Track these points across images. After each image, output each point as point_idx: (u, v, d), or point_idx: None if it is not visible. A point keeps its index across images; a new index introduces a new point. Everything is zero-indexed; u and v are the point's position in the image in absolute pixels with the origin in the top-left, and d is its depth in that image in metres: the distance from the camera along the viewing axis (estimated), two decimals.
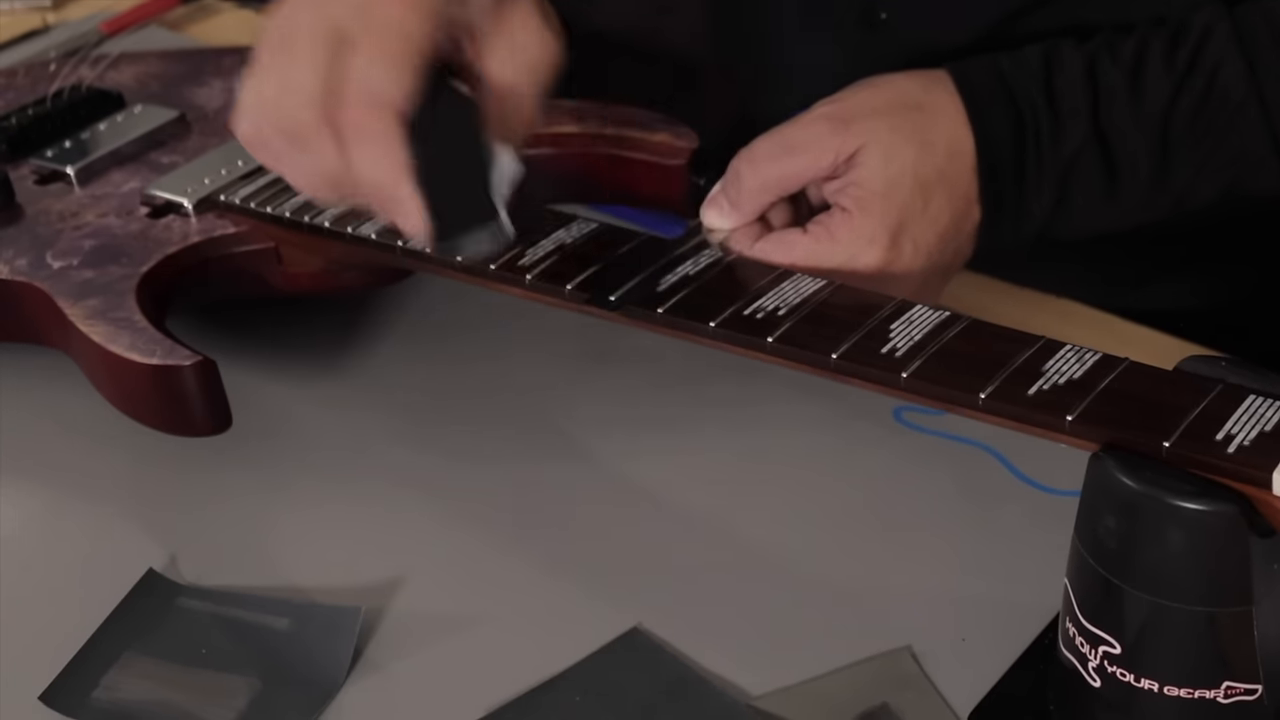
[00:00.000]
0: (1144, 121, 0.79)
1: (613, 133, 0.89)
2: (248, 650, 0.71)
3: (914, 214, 0.76)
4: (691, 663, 0.70)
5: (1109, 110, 0.79)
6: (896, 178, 0.75)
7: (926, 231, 0.77)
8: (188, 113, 0.96)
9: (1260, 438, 0.58)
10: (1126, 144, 0.80)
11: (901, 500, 0.78)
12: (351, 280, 0.84)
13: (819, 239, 0.75)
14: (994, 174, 0.79)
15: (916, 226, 0.76)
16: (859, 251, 0.75)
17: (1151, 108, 0.79)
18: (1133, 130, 0.79)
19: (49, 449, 0.84)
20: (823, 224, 0.76)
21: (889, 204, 0.75)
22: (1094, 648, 0.61)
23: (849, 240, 0.75)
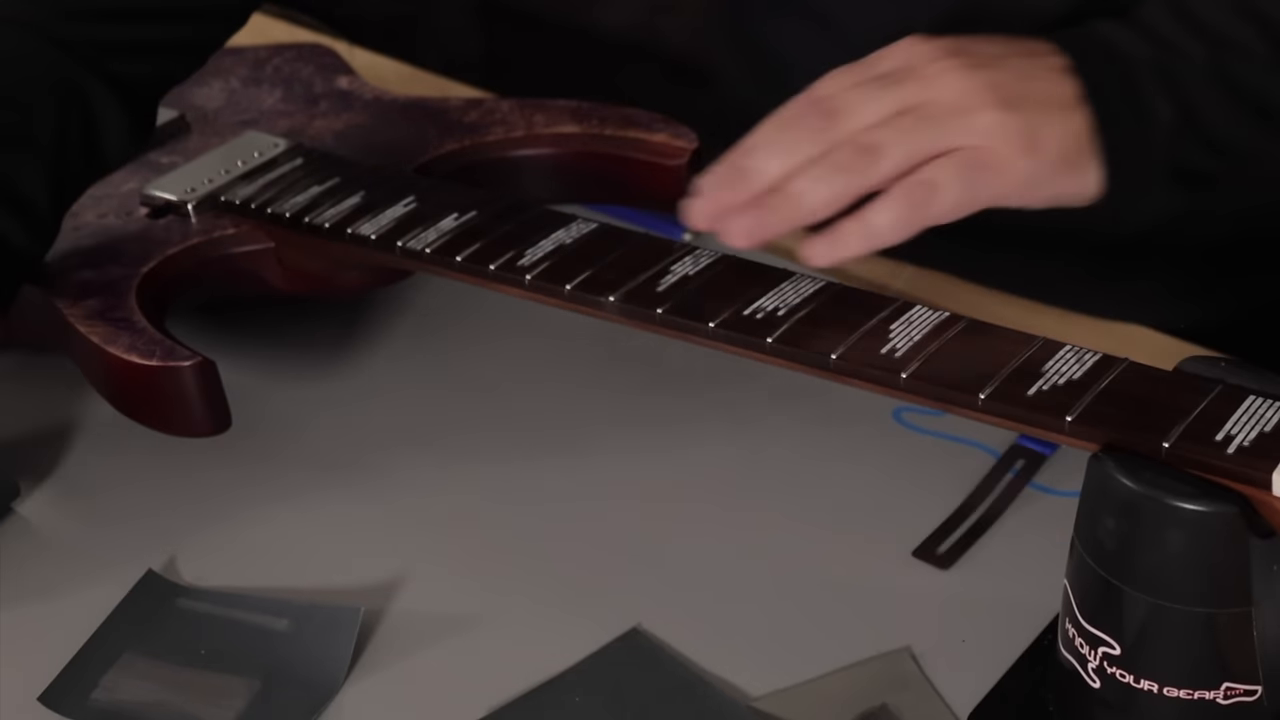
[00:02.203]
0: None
1: (613, 133, 0.89)
2: (247, 650, 0.71)
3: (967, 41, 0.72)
4: (691, 663, 0.70)
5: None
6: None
7: (984, 45, 0.72)
8: (188, 113, 0.96)
9: (1260, 438, 0.58)
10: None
11: (901, 500, 0.78)
12: (351, 280, 0.84)
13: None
14: (1087, 61, 0.73)
15: (973, 44, 0.72)
16: (910, 49, 0.71)
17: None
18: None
19: (49, 449, 0.84)
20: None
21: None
22: (1093, 649, 0.61)
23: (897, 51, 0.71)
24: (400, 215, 0.81)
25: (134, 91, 0.83)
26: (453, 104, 0.94)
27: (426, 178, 0.85)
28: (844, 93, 0.69)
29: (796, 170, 0.68)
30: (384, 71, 1.13)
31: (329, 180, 0.85)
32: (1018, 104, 0.69)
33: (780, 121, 0.70)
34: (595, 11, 1.78)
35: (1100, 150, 0.71)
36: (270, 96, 0.98)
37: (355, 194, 0.83)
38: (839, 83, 0.70)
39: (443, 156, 0.90)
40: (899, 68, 0.70)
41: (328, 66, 1.00)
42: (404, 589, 0.74)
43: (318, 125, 0.94)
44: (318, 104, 0.96)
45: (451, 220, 0.80)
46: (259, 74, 1.00)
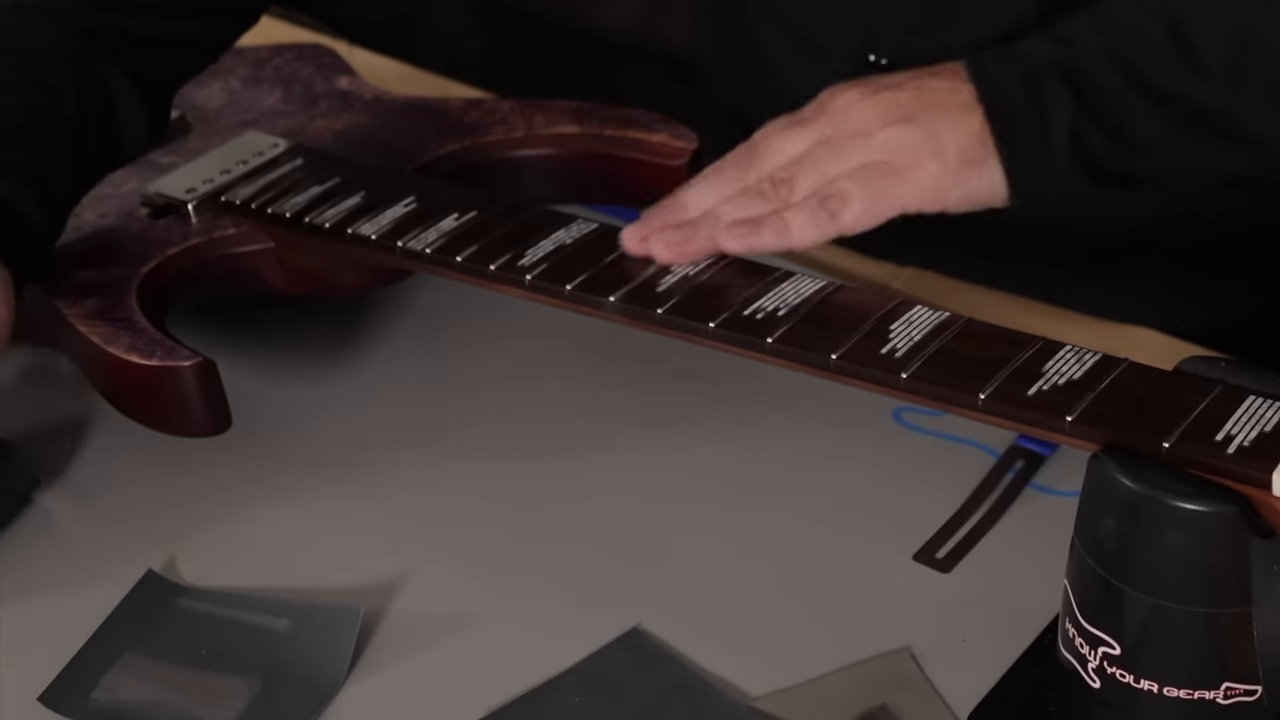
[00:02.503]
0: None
1: (613, 133, 0.89)
2: (248, 650, 0.71)
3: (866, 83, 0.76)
4: (691, 663, 0.70)
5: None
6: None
7: (892, 76, 0.76)
8: (188, 113, 0.96)
9: (1260, 438, 0.58)
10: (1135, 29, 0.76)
11: (901, 500, 0.78)
12: (351, 280, 0.84)
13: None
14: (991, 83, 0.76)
15: (882, 78, 0.76)
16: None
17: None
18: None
19: (49, 449, 0.84)
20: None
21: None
22: (1093, 648, 0.61)
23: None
24: (400, 215, 0.81)
25: (152, 84, 0.85)
26: (453, 104, 0.94)
27: (426, 178, 0.85)
28: (767, 138, 0.76)
29: (722, 202, 0.75)
30: (384, 71, 1.13)
31: (329, 180, 0.85)
32: (914, 116, 0.74)
33: (715, 166, 0.76)
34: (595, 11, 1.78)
35: (1000, 146, 0.74)
36: (270, 96, 0.98)
37: (355, 194, 0.83)
38: (766, 130, 0.76)
39: (443, 157, 0.90)
40: (816, 109, 0.76)
41: (328, 66, 1.00)
42: (404, 589, 0.74)
43: (318, 125, 0.94)
44: (318, 104, 0.96)
45: (451, 220, 0.80)
46: (259, 74, 1.00)
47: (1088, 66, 0.75)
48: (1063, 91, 0.74)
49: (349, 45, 1.15)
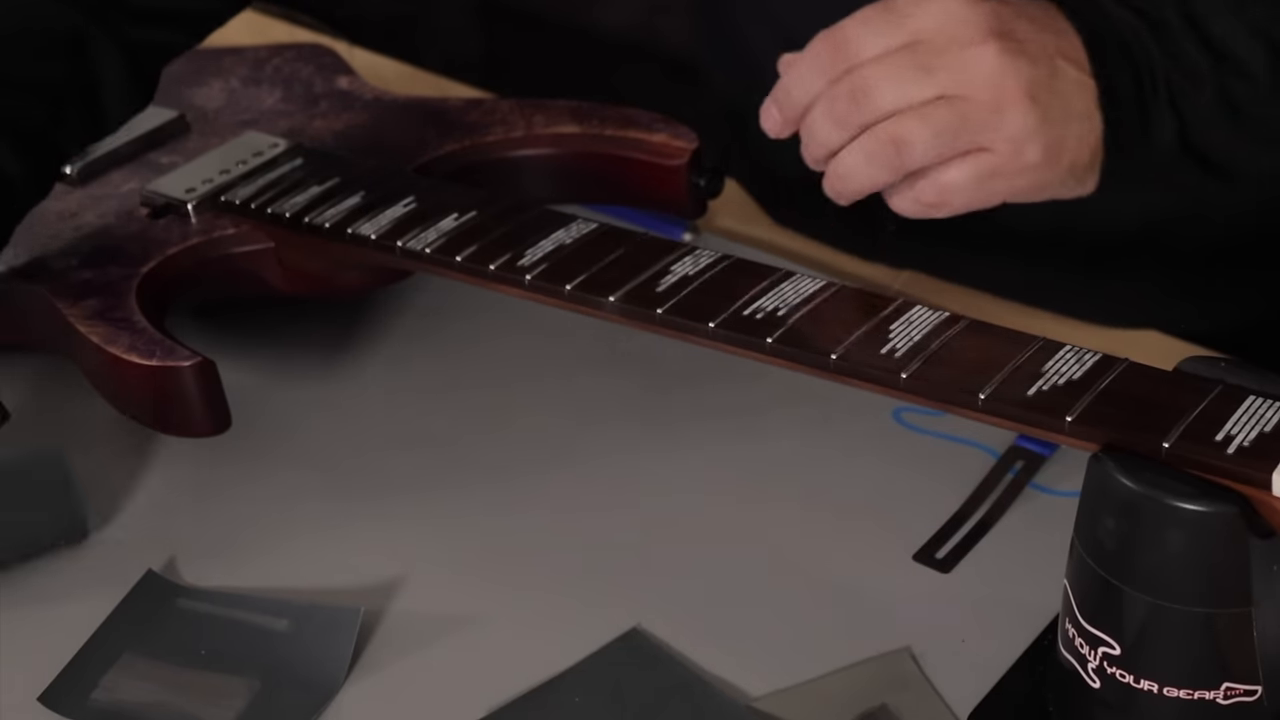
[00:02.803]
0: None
1: (613, 133, 0.89)
2: (247, 650, 0.71)
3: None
4: (691, 663, 0.70)
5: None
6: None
7: (1018, 21, 0.71)
8: (188, 113, 0.96)
9: (1260, 438, 0.58)
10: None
11: (901, 500, 0.78)
12: (351, 280, 0.84)
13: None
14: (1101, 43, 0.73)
15: (1008, 15, 0.71)
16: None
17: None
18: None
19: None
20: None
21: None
22: (1093, 649, 0.61)
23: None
24: (400, 215, 0.81)
25: (139, 55, 0.85)
26: (453, 104, 0.94)
27: (426, 178, 0.85)
28: (876, 65, 0.70)
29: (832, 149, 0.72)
30: (384, 71, 1.13)
31: (329, 180, 0.85)
32: (1047, 107, 0.70)
33: (813, 90, 0.72)
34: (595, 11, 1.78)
35: (1105, 162, 0.73)
36: (270, 96, 0.98)
37: (355, 194, 0.83)
38: (870, 42, 0.70)
39: (443, 156, 0.90)
40: (934, 38, 0.69)
41: (328, 66, 1.00)
42: (404, 589, 0.74)
43: (318, 125, 0.94)
44: (318, 104, 0.96)
45: (451, 220, 0.80)
46: (259, 74, 1.00)
47: (1190, 92, 0.73)
48: (1169, 120, 0.73)
49: (349, 45, 1.15)
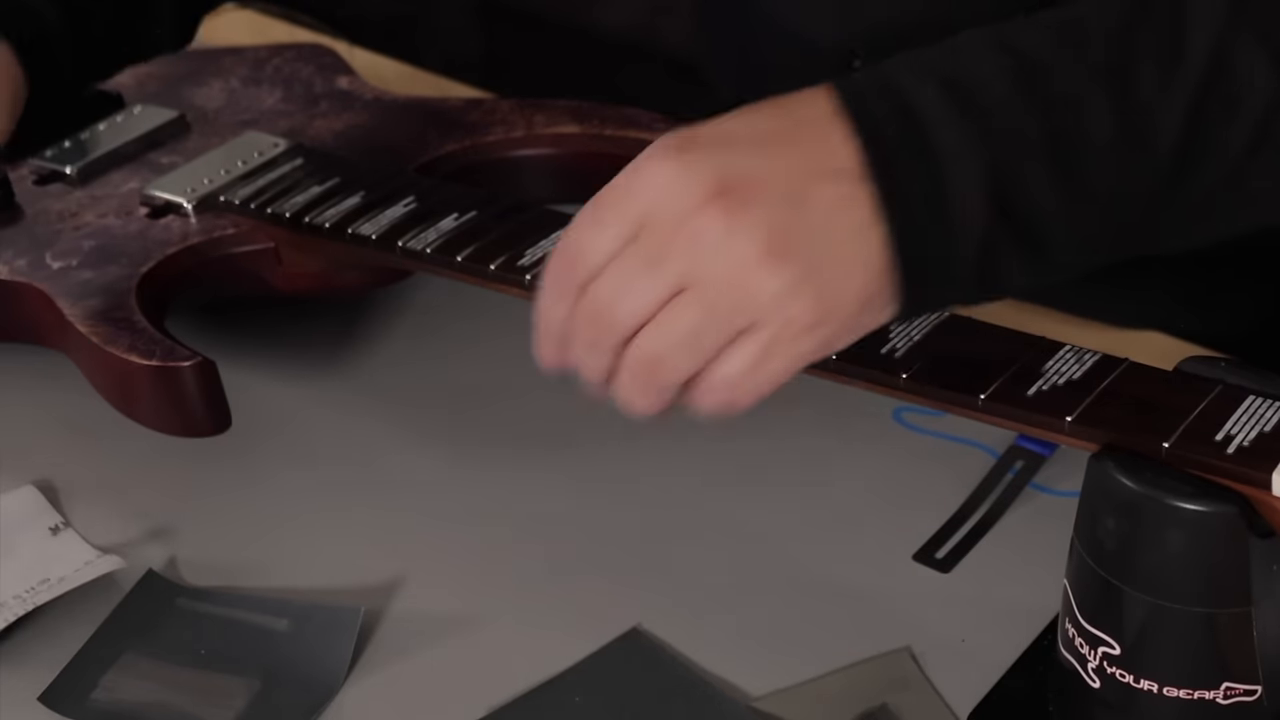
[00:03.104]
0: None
1: (613, 133, 0.89)
2: (247, 650, 0.71)
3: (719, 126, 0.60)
4: (691, 663, 0.69)
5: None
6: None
7: (750, 154, 0.59)
8: (187, 113, 0.96)
9: (1260, 438, 0.58)
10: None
11: (901, 500, 0.78)
12: (351, 280, 0.84)
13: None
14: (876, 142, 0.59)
15: (735, 154, 0.59)
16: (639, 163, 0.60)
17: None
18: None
19: (49, 449, 0.84)
20: None
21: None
22: (1093, 648, 0.61)
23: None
24: (400, 215, 0.81)
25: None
26: (453, 104, 0.94)
27: (426, 178, 0.85)
28: (608, 275, 0.60)
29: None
30: (384, 71, 1.13)
31: (329, 180, 0.85)
32: (798, 254, 0.57)
33: (560, 317, 0.62)
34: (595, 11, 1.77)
35: (899, 281, 0.59)
36: (270, 96, 0.98)
37: (355, 194, 0.83)
38: (598, 245, 0.60)
39: (443, 156, 0.90)
40: (657, 218, 0.59)
41: (328, 66, 1.00)
42: (404, 589, 0.74)
43: (318, 125, 0.94)
44: (318, 104, 0.96)
45: (451, 220, 0.80)
46: (259, 74, 1.00)
47: (1011, 156, 0.59)
48: (978, 204, 0.58)
49: (349, 45, 1.15)
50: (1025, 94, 0.59)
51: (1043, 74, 0.59)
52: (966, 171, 0.58)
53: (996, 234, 0.59)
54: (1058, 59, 0.60)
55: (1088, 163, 0.59)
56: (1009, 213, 0.59)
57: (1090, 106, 0.59)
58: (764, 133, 0.59)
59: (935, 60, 0.60)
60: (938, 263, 0.59)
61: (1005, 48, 0.60)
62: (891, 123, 0.58)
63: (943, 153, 0.58)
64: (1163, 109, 0.60)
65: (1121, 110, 0.59)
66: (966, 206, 0.58)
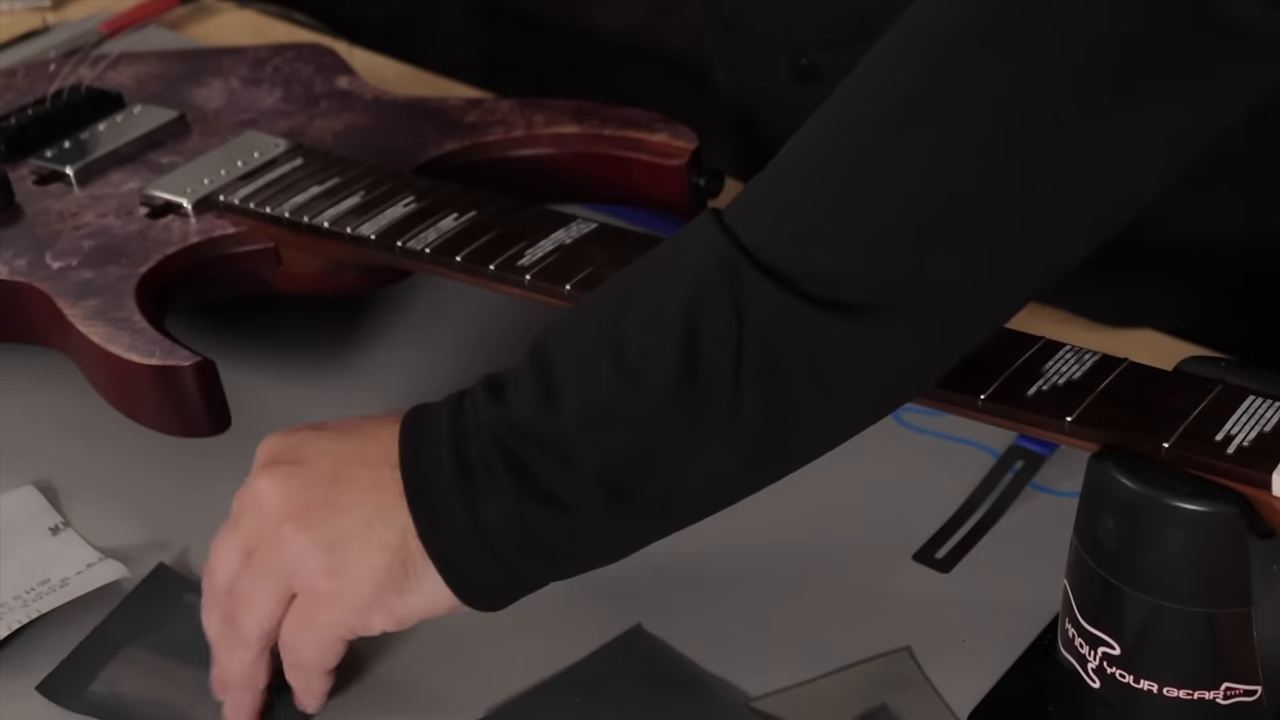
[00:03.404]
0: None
1: (613, 133, 0.89)
2: None
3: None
4: (691, 663, 0.69)
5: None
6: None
7: (316, 446, 0.66)
8: (187, 113, 0.96)
9: (1260, 438, 0.58)
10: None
11: (901, 500, 0.78)
12: (351, 280, 0.84)
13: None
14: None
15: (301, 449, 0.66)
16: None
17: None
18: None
19: (49, 449, 0.84)
20: None
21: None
22: (1093, 649, 0.61)
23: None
24: (400, 215, 0.81)
25: None
26: (453, 104, 0.94)
27: (426, 178, 0.85)
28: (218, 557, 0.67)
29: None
30: (384, 71, 1.13)
31: (329, 180, 0.85)
32: (322, 525, 0.63)
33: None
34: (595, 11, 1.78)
35: (438, 554, 0.62)
36: (270, 96, 0.98)
37: (355, 194, 0.83)
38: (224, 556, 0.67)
39: (443, 156, 0.90)
40: (240, 495, 0.68)
41: (328, 66, 1.00)
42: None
43: (318, 125, 0.94)
44: (318, 104, 0.96)
45: (451, 220, 0.80)
46: (259, 74, 1.00)
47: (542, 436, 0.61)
48: (500, 485, 0.61)
49: (349, 45, 1.15)
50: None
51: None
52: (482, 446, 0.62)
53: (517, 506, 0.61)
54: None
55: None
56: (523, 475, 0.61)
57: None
58: (338, 427, 0.67)
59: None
60: (462, 536, 0.62)
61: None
62: (437, 419, 0.63)
63: (465, 430, 0.62)
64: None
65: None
66: (483, 486, 0.61)
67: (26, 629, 0.73)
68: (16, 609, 0.72)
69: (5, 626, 0.71)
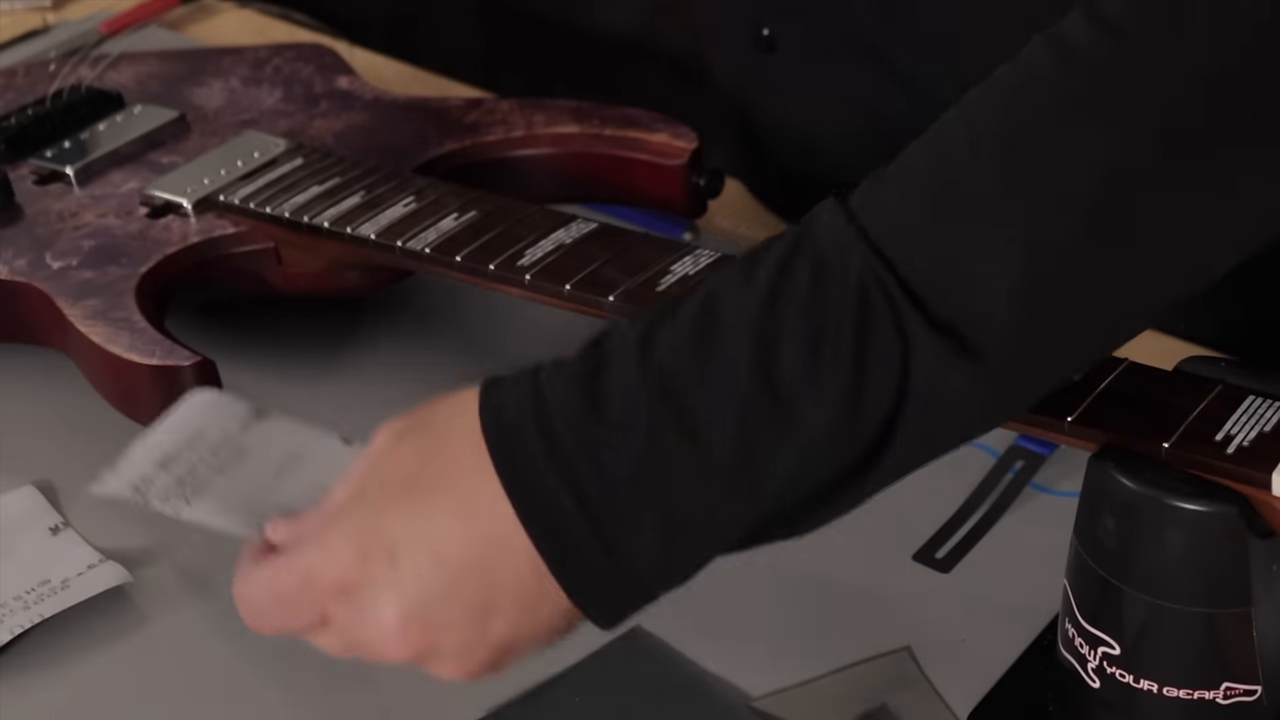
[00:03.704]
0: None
1: (613, 133, 0.89)
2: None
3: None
4: (691, 663, 0.69)
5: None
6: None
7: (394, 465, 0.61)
8: (187, 113, 0.96)
9: (1260, 438, 0.58)
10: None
11: (901, 500, 0.77)
12: (351, 280, 0.84)
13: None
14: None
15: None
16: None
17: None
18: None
19: (49, 449, 0.84)
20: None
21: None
22: (1093, 648, 0.61)
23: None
24: (400, 215, 0.81)
25: None
26: (453, 104, 0.94)
27: (426, 178, 0.85)
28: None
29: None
30: (384, 71, 1.13)
31: (329, 180, 0.85)
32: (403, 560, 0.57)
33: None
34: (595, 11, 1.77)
35: (568, 577, 0.59)
36: (270, 96, 0.98)
37: (355, 194, 0.83)
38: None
39: (443, 156, 0.90)
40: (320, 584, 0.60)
41: (328, 66, 1.00)
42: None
43: (318, 125, 0.94)
44: (318, 104, 0.96)
45: (451, 220, 0.80)
46: (259, 74, 1.00)
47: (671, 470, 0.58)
48: (636, 527, 0.58)
49: (349, 45, 1.15)
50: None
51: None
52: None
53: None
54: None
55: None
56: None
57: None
58: (412, 475, 0.60)
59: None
60: (597, 571, 0.59)
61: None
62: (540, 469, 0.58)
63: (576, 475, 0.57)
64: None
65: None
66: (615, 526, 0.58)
67: (25, 640, 0.73)
68: (17, 610, 0.72)
69: (8, 630, 0.71)
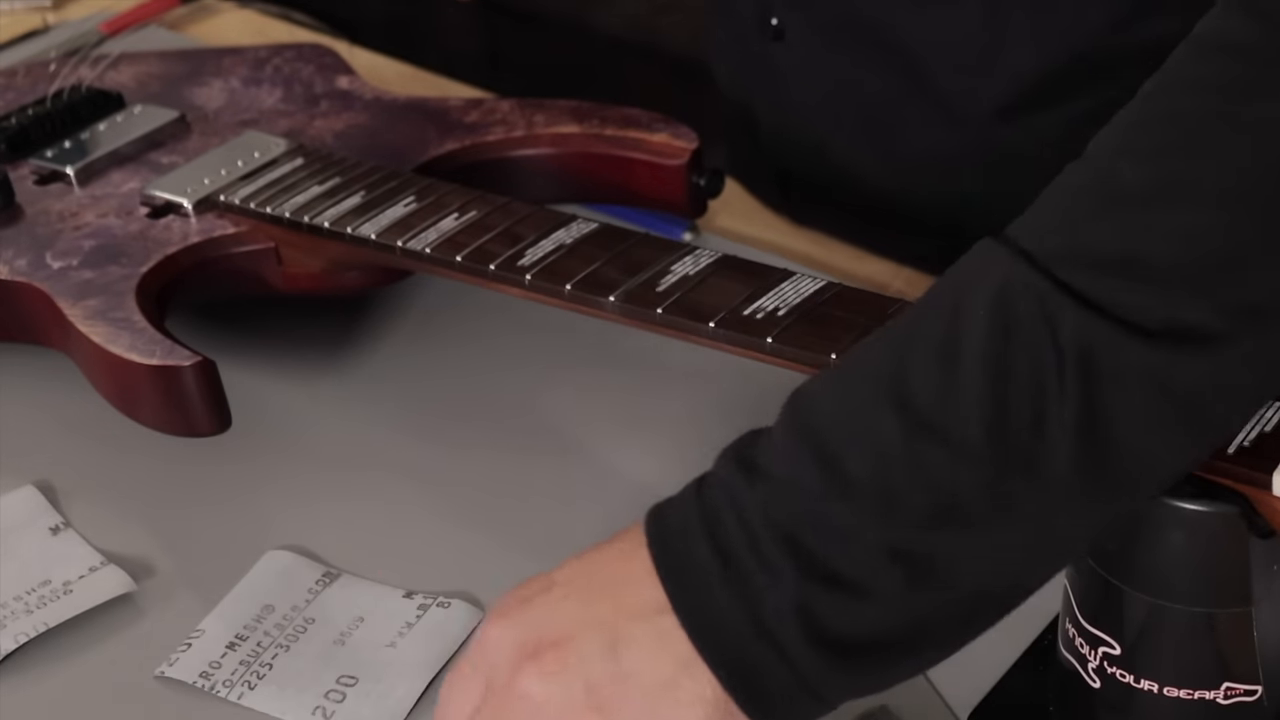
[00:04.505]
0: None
1: (613, 133, 0.89)
2: None
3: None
4: None
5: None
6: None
7: (560, 609, 0.58)
8: (188, 113, 0.96)
9: (1260, 438, 0.58)
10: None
11: None
12: (351, 280, 0.84)
13: None
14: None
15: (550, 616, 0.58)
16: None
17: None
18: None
19: (49, 449, 0.84)
20: None
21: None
22: (1093, 648, 0.61)
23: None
24: (400, 215, 0.81)
25: None
26: (453, 104, 0.95)
27: (426, 178, 0.85)
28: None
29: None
30: (384, 71, 1.14)
31: (329, 180, 0.85)
32: (622, 707, 0.55)
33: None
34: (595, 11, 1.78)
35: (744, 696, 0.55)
36: (270, 96, 0.98)
37: (355, 194, 0.83)
38: (458, 714, 0.58)
39: (443, 156, 0.90)
40: (492, 686, 0.58)
41: (328, 66, 1.00)
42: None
43: (318, 125, 0.94)
44: (318, 104, 0.96)
45: (451, 220, 0.80)
46: (259, 74, 1.00)
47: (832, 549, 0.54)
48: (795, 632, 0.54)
49: (349, 45, 1.15)
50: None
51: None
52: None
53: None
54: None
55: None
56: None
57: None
58: (574, 582, 0.58)
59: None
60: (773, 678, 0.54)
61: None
62: (684, 530, 0.57)
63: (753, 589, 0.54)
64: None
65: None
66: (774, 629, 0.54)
67: (26, 642, 0.73)
68: (18, 611, 0.72)
69: (11, 638, 0.71)
